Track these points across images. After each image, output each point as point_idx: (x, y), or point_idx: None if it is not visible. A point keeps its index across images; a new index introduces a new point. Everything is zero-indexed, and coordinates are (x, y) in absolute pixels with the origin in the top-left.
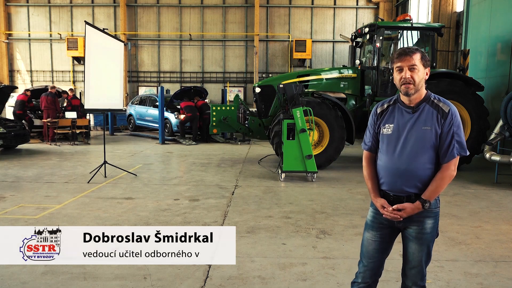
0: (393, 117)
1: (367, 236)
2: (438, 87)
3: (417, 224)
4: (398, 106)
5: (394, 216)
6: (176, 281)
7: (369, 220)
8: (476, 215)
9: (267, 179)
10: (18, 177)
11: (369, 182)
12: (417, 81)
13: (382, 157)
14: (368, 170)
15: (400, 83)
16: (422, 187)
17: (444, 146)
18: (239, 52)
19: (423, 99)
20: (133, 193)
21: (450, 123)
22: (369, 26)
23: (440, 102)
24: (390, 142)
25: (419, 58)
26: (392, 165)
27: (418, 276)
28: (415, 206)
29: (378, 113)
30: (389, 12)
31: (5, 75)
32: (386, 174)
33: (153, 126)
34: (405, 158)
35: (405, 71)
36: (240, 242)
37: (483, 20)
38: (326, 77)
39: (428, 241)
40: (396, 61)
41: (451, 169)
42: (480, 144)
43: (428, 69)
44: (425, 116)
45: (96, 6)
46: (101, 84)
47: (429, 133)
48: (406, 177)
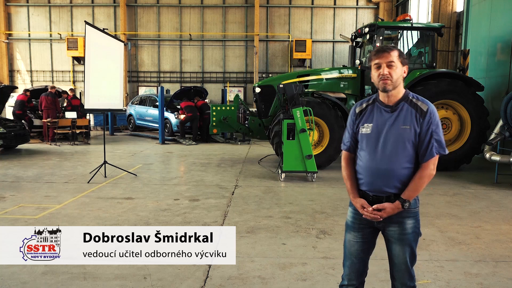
0: (372, 117)
1: (349, 238)
2: (438, 87)
3: (397, 224)
4: (377, 105)
5: (374, 216)
6: (176, 281)
7: (349, 221)
8: (476, 215)
9: (267, 179)
10: (18, 177)
11: (348, 182)
12: (395, 77)
13: (362, 157)
14: (347, 171)
15: (378, 79)
16: (401, 187)
17: (423, 145)
18: (239, 52)
19: (402, 98)
20: (133, 193)
21: (429, 122)
22: (369, 26)
23: (419, 101)
24: (369, 141)
25: (397, 56)
26: (372, 165)
27: (406, 277)
28: (395, 206)
29: (357, 112)
30: (389, 12)
31: (5, 75)
32: (366, 174)
33: (153, 126)
34: (384, 158)
35: (383, 68)
36: (240, 242)
37: (483, 20)
38: (326, 77)
39: (411, 241)
40: (374, 58)
41: (430, 168)
42: (480, 144)
43: (406, 67)
44: (404, 115)
45: (96, 6)
46: (101, 84)
47: (408, 132)
48: (386, 176)
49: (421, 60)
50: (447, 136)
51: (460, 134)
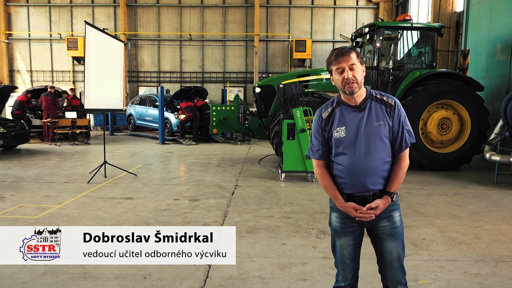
0: (342, 120)
1: (340, 243)
2: (438, 87)
3: (387, 219)
4: (343, 107)
5: (369, 216)
6: (176, 281)
7: (338, 226)
8: (476, 215)
9: (267, 179)
10: (18, 177)
11: (330, 190)
12: (359, 79)
13: (341, 161)
14: (326, 178)
15: (342, 84)
16: (384, 182)
17: (398, 137)
18: (239, 52)
19: (367, 96)
20: (133, 193)
21: (399, 114)
22: (369, 26)
23: (384, 96)
24: (347, 144)
25: (356, 57)
26: (354, 166)
27: (399, 274)
28: (385, 200)
29: (324, 118)
30: (389, 12)
31: (5, 75)
32: (348, 176)
33: (153, 126)
34: (366, 156)
35: (347, 71)
36: (240, 242)
37: (483, 20)
38: (326, 77)
39: (401, 234)
40: (334, 63)
41: (407, 158)
42: (480, 144)
43: (364, 66)
44: (374, 112)
45: (96, 6)
46: (101, 84)
47: (383, 127)
48: (370, 175)
49: (421, 60)
50: (447, 136)
51: (460, 134)
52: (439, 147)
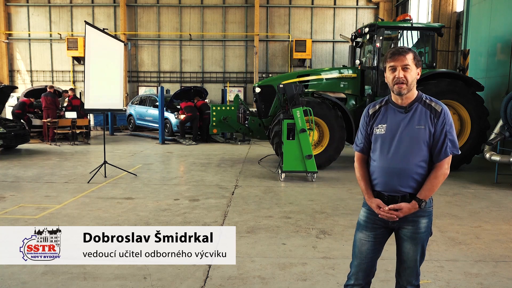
0: (386, 118)
1: (360, 237)
2: (438, 87)
3: (412, 224)
4: (390, 106)
5: (391, 216)
6: (176, 281)
7: (362, 220)
8: (476, 215)
9: (267, 179)
10: (18, 177)
11: (363, 183)
12: (410, 80)
13: (376, 157)
14: (361, 171)
15: (393, 82)
16: (416, 186)
17: (438, 145)
18: (239, 52)
19: (415, 99)
20: (133, 193)
21: (443, 122)
22: (369, 26)
23: (432, 102)
24: (384, 142)
25: (412, 58)
26: (387, 165)
27: (413, 275)
28: (412, 205)
29: (370, 114)
30: (389, 12)
31: (5, 75)
32: (380, 174)
33: (153, 126)
34: (399, 158)
35: (399, 71)
36: (240, 242)
37: (483, 20)
38: (326, 77)
39: (423, 241)
40: (389, 61)
41: (445, 168)
42: (480, 144)
43: (419, 69)
44: (418, 115)
45: (96, 6)
46: (101, 84)
47: (423, 132)
48: (401, 176)
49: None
50: None
51: (460, 134)
52: None
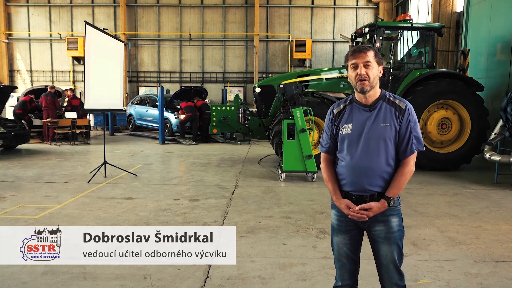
0: (351, 117)
1: (336, 241)
2: (438, 87)
3: (383, 223)
4: (354, 105)
5: (361, 216)
6: (176, 281)
7: (335, 224)
8: (476, 215)
9: (267, 179)
10: (18, 177)
11: (330, 184)
12: (372, 77)
13: (343, 157)
14: (328, 172)
15: (355, 80)
16: (384, 185)
17: (404, 142)
18: (239, 52)
19: (379, 97)
20: (133, 193)
21: (408, 119)
22: (369, 26)
23: (396, 99)
24: (351, 141)
25: (373, 56)
26: (354, 164)
27: (396, 276)
28: (381, 204)
29: (335, 114)
30: (389, 12)
31: (5, 75)
32: (348, 173)
33: (153, 126)
34: (367, 156)
35: (360, 68)
36: (240, 242)
37: (483, 20)
38: (326, 77)
39: (397, 240)
40: (350, 58)
41: (411, 165)
42: (480, 144)
43: (381, 67)
44: (383, 113)
45: (96, 6)
46: (101, 84)
47: (389, 129)
48: (369, 175)
49: (421, 60)
50: (447, 136)
51: (460, 134)
52: (439, 147)
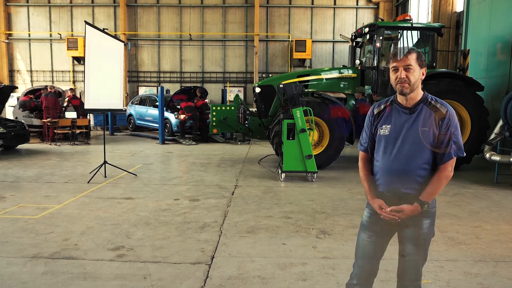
0: (390, 118)
1: (363, 237)
2: (438, 87)
3: (414, 224)
4: (395, 107)
5: (392, 217)
6: (176, 281)
7: (365, 220)
8: (476, 215)
9: (267, 179)
10: (18, 177)
11: (366, 183)
12: (413, 81)
13: (379, 158)
14: (364, 171)
15: (395, 82)
16: (418, 188)
17: (442, 147)
18: (239, 52)
19: (420, 100)
20: (133, 193)
21: (448, 124)
22: (369, 26)
23: (438, 103)
24: (388, 143)
25: (415, 58)
26: (389, 166)
27: (415, 276)
28: (414, 207)
29: (375, 114)
30: (389, 12)
31: (5, 75)
32: (383, 175)
33: (153, 126)
34: (402, 159)
35: (401, 71)
36: (240, 242)
37: (483, 20)
38: (326, 77)
39: (425, 241)
40: (392, 61)
41: (448, 170)
42: (480, 144)
43: (424, 69)
44: (423, 117)
45: (96, 6)
46: (101, 84)
47: (427, 134)
48: (403, 178)
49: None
50: None
51: None
52: None
